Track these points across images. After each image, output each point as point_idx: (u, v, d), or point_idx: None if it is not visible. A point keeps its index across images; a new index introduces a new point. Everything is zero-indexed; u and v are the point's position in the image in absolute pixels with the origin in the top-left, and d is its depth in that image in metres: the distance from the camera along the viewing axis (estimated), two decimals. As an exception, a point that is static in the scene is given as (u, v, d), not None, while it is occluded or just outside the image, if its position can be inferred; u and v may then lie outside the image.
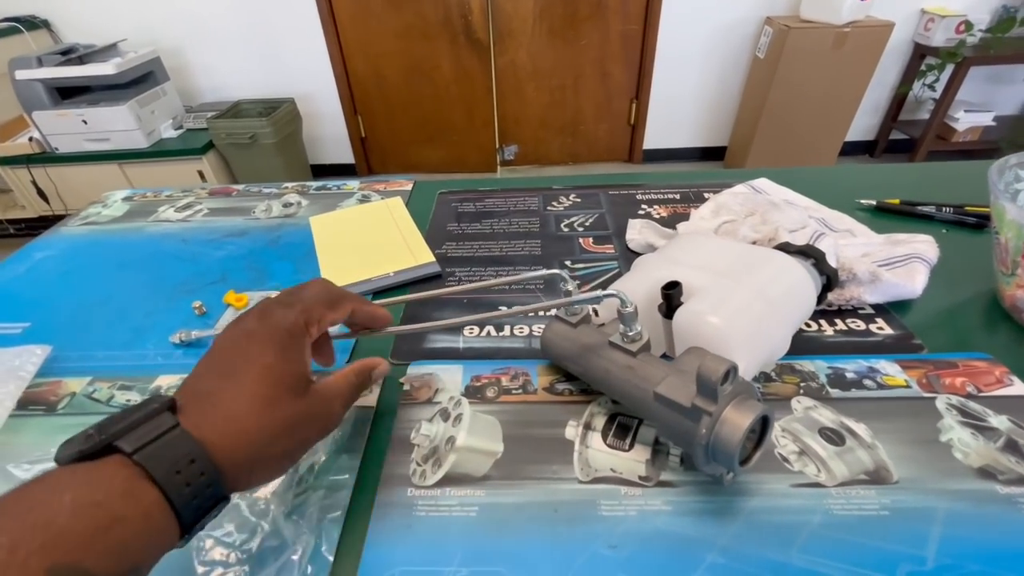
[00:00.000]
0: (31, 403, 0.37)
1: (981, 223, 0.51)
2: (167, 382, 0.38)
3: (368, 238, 0.54)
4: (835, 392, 0.35)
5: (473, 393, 0.36)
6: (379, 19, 2.34)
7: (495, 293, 0.45)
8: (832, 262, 0.38)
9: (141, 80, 2.08)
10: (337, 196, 0.64)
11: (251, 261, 0.52)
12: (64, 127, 2.00)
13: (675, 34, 2.40)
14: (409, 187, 0.65)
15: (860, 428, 0.32)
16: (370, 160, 2.72)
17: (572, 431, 0.33)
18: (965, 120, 2.40)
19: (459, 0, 2.30)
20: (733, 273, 0.33)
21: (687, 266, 0.35)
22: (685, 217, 0.54)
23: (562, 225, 0.55)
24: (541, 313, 0.42)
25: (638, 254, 0.50)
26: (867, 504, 0.28)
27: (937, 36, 2.29)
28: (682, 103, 2.63)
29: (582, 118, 2.72)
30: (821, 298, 0.36)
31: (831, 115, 2.35)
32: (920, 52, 2.39)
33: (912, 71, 2.45)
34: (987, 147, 2.38)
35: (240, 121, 2.06)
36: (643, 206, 0.58)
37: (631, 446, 0.32)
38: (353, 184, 0.66)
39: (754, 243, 0.43)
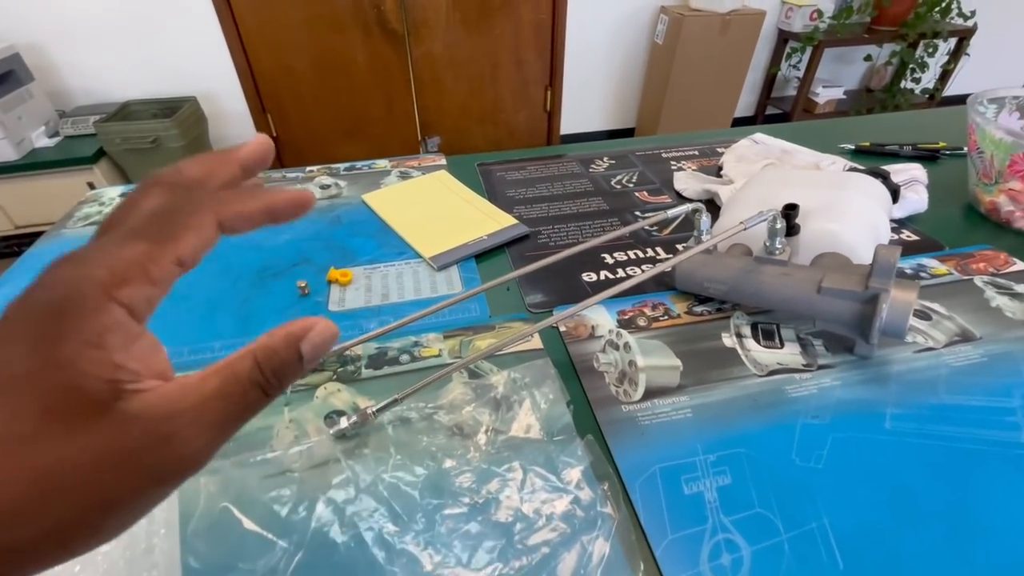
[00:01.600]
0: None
1: (933, 155, 0.64)
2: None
3: (438, 208, 0.54)
4: (905, 284, 0.43)
5: (626, 325, 0.39)
6: (281, 8, 2.19)
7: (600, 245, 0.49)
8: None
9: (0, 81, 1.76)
10: (373, 175, 0.62)
11: (324, 241, 0.50)
12: None
13: (582, 23, 2.52)
14: (443, 162, 0.65)
15: (936, 306, 0.40)
16: (284, 160, 2.54)
17: (729, 340, 0.38)
18: (824, 94, 2.80)
19: (370, -11, 2.23)
20: (833, 191, 0.40)
21: (790, 189, 0.41)
22: (713, 169, 0.61)
23: (612, 183, 0.60)
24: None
25: (690, 200, 0.55)
26: (970, 355, 0.36)
27: (796, 23, 2.65)
28: (593, 88, 2.79)
29: (501, 106, 2.77)
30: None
31: (722, 94, 2.63)
32: (784, 37, 2.74)
33: (779, 54, 2.80)
34: (841, 115, 2.81)
35: (138, 124, 1.83)
36: (672, 162, 0.64)
37: (782, 344, 0.37)
38: (383, 163, 0.65)
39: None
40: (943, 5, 2.58)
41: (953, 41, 2.70)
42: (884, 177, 0.44)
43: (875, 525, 0.26)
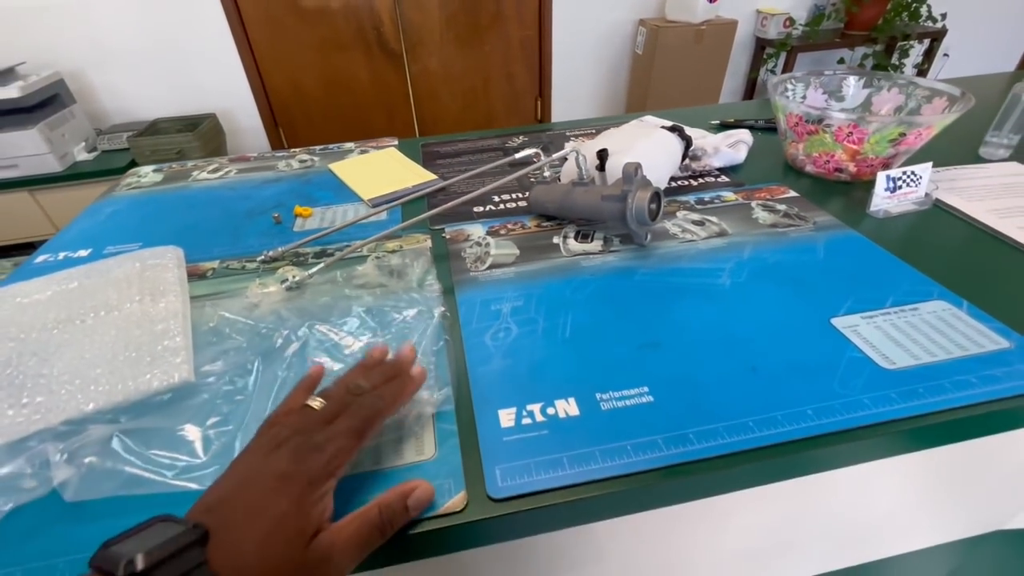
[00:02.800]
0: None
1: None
2: (269, 253, 0.55)
3: (383, 171, 0.73)
4: (698, 206, 0.60)
5: (492, 234, 0.57)
6: (294, 34, 2.44)
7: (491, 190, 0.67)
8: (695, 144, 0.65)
9: (46, 103, 2.03)
10: (339, 153, 0.82)
11: (296, 193, 0.69)
12: (-38, 157, 1.90)
13: (566, 37, 2.73)
14: (395, 143, 0.84)
15: (712, 218, 0.58)
16: (296, 171, 2.78)
17: (557, 239, 0.55)
18: (801, 96, 2.95)
19: (370, 13, 2.48)
20: (634, 140, 0.57)
21: (611, 139, 0.59)
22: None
23: (517, 155, 0.78)
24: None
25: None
26: (716, 243, 0.53)
27: (771, 30, 2.81)
28: (580, 98, 2.98)
29: (495, 117, 2.98)
30: (685, 154, 0.62)
31: (701, 99, 2.80)
32: (761, 44, 2.91)
33: (757, 60, 2.97)
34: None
35: (164, 137, 2.08)
36: (571, 139, 0.82)
37: (592, 240, 0.55)
38: (349, 145, 0.84)
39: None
40: (911, 9, 2.72)
41: (927, 42, 2.83)
42: (680, 131, 0.61)
43: (597, 319, 0.44)
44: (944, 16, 2.69)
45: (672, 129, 0.62)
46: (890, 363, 0.38)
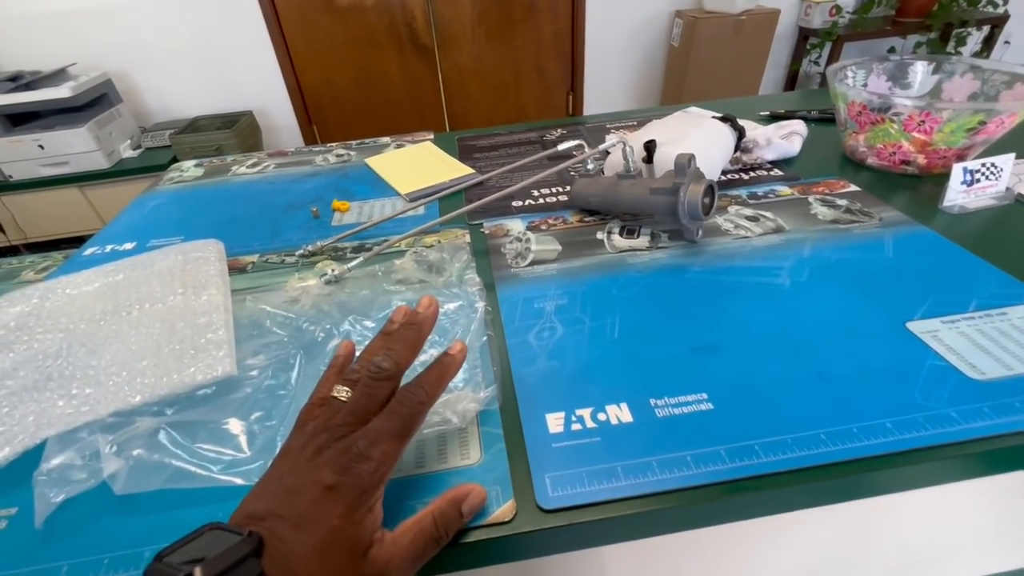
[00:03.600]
0: (225, 270, 0.52)
1: (835, 117, 0.76)
2: (308, 247, 0.54)
3: (419, 165, 0.72)
4: (751, 201, 0.57)
5: (532, 229, 0.55)
6: (327, 32, 2.47)
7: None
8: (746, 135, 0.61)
9: (95, 103, 2.11)
10: (375, 148, 0.81)
11: (334, 187, 0.69)
12: (18, 154, 2.00)
13: (599, 30, 2.68)
14: (431, 136, 0.83)
15: (767, 214, 0.54)
16: (329, 167, 2.82)
17: (600, 235, 0.53)
18: (846, 88, 2.82)
19: (402, 9, 2.48)
20: (684, 130, 0.54)
21: (659, 131, 0.56)
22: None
23: (558, 147, 0.76)
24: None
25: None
26: (773, 240, 0.50)
27: (815, 19, 2.70)
28: (613, 92, 2.93)
29: (525, 112, 2.95)
30: (737, 145, 0.59)
31: (740, 93, 2.70)
32: (804, 34, 2.79)
33: (800, 51, 2.85)
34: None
35: (203, 135, 2.14)
36: (612, 131, 0.80)
37: (638, 237, 0.52)
38: (385, 139, 0.84)
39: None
40: (971, -8, 2.56)
41: (987, 29, 2.67)
42: (731, 121, 0.58)
43: (647, 319, 0.41)
44: (1006, 0, 2.52)
45: (724, 119, 0.58)
46: (979, 373, 0.34)
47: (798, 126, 0.67)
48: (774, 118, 0.79)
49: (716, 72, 2.61)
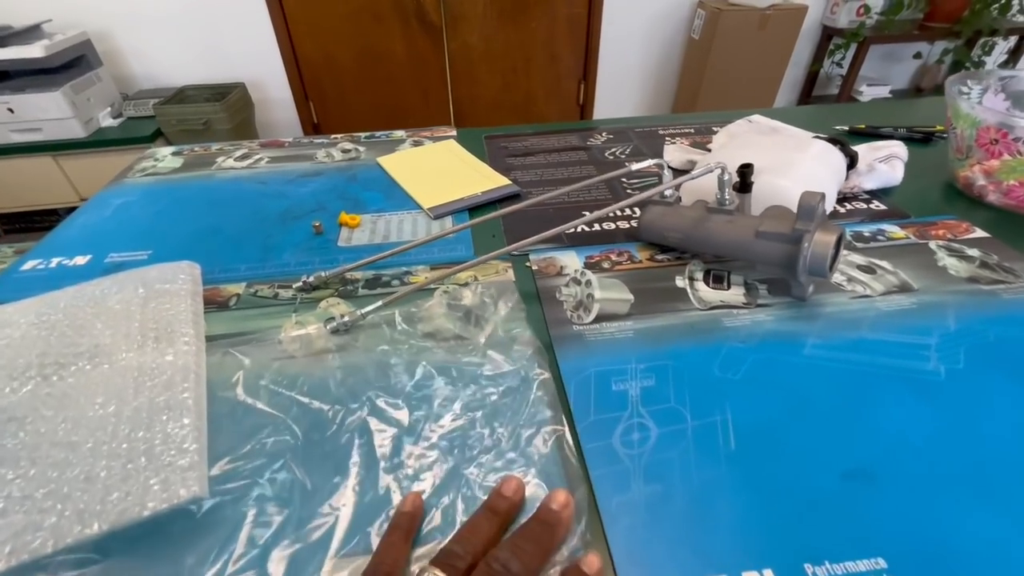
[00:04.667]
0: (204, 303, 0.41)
1: (927, 137, 0.66)
2: (310, 278, 0.43)
3: (441, 170, 0.60)
4: (859, 245, 0.46)
5: (591, 267, 0.44)
6: (329, 2, 2.30)
7: (575, 200, 0.54)
8: (842, 156, 0.50)
9: (72, 65, 1.94)
10: (389, 143, 0.69)
11: (340, 193, 0.57)
12: (-15, 117, 1.83)
13: (617, 18, 2.54)
14: (453, 133, 0.71)
15: (883, 263, 0.44)
16: (325, 147, 2.66)
17: (681, 282, 0.42)
18: (868, 93, 2.72)
19: (410, -18, 2.31)
20: (788, 154, 0.43)
21: (751, 151, 0.45)
22: (704, 145, 0.65)
23: (606, 154, 0.64)
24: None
25: (678, 171, 0.60)
26: (902, 302, 0.39)
27: (842, 18, 2.58)
28: (626, 84, 2.79)
29: (533, 100, 2.81)
30: (848, 173, 0.48)
31: (759, 91, 2.59)
32: (828, 33, 2.67)
33: (822, 51, 2.74)
34: (887, 115, 2.72)
35: (191, 107, 1.98)
36: (668, 138, 0.68)
37: (729, 286, 0.41)
38: (399, 133, 0.72)
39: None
40: (1003, 1, 2.47)
41: (1014, 40, 2.58)
42: (842, 144, 0.47)
43: (770, 420, 0.31)
44: (1038, 10, 2.42)
45: (833, 142, 0.47)
46: None
47: (898, 148, 0.56)
48: (855, 135, 0.68)
49: (737, 68, 2.49)
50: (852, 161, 0.48)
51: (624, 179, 0.59)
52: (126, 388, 0.30)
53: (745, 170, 0.43)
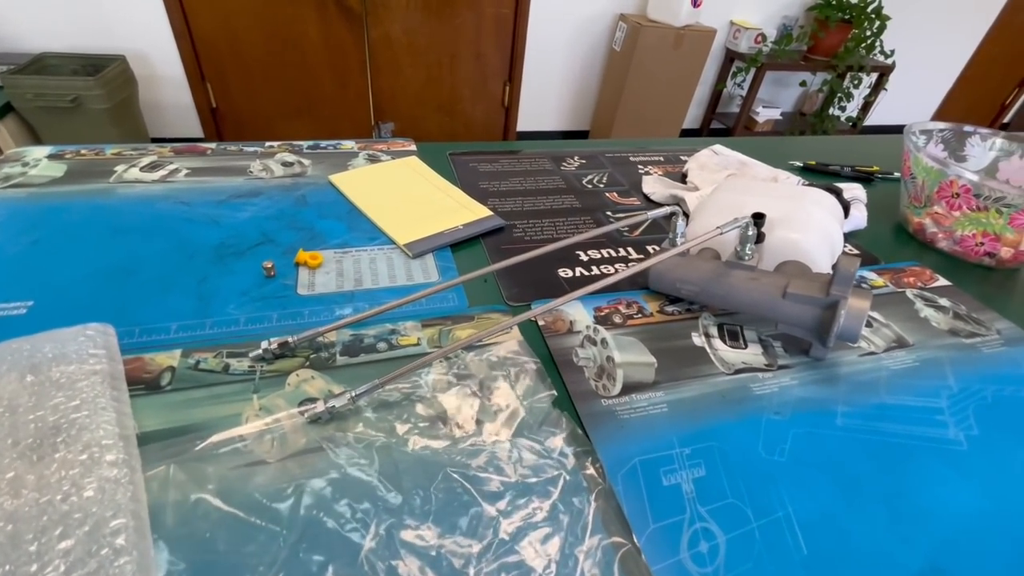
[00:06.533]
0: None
1: (868, 177, 0.70)
2: (272, 344, 0.34)
3: (411, 195, 0.52)
4: (849, 294, 0.47)
5: (602, 321, 0.40)
6: (229, -31, 2.04)
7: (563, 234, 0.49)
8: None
9: None
10: (340, 156, 0.60)
11: (289, 221, 0.47)
12: None
13: (543, 22, 2.54)
14: (413, 148, 0.63)
15: (876, 315, 0.44)
16: (224, 134, 2.38)
17: (699, 340, 0.39)
18: (764, 114, 2.99)
19: (327, -38, 2.13)
20: (793, 202, 0.42)
21: (755, 198, 0.43)
22: (677, 175, 0.64)
23: (583, 182, 0.61)
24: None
25: (658, 204, 0.58)
26: (904, 360, 0.40)
27: (742, 44, 2.80)
28: (550, 88, 2.82)
29: (458, 97, 2.74)
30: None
31: (673, 105, 2.74)
32: (731, 56, 2.90)
33: (725, 72, 2.96)
34: (777, 135, 3.01)
35: (55, 80, 1.65)
36: (639, 166, 0.66)
37: (746, 345, 0.39)
38: (349, 144, 0.62)
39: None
40: (868, 42, 2.83)
41: (875, 76, 2.96)
42: (837, 193, 0.47)
43: (830, 512, 0.29)
44: (893, 52, 2.82)
45: (829, 190, 0.47)
46: None
47: (858, 191, 0.59)
48: (807, 171, 0.71)
49: (654, 81, 2.62)
50: (846, 210, 0.48)
51: (610, 211, 0.55)
52: (18, 556, 0.21)
53: (758, 220, 0.41)
